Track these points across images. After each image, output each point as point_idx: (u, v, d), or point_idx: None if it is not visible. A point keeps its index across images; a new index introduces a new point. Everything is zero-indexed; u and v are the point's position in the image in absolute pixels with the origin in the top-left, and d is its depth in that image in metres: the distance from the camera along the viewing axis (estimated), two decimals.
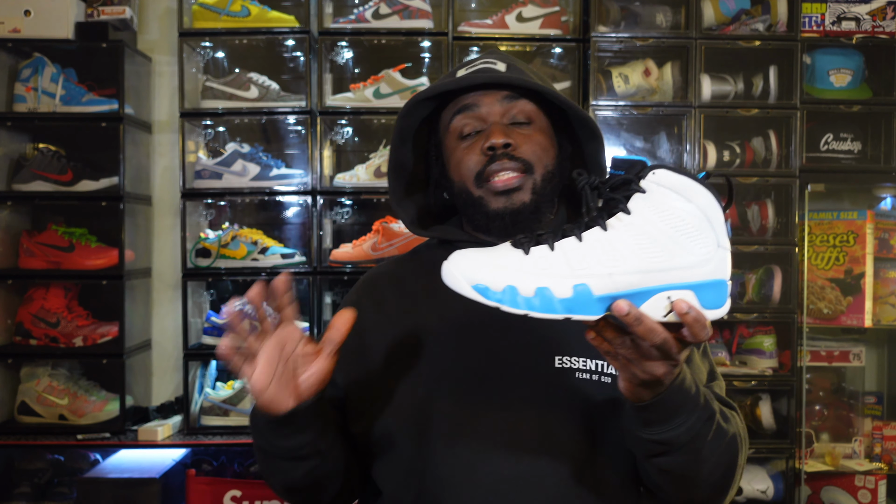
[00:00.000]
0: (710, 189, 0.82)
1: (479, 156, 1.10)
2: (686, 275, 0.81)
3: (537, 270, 0.81)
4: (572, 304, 0.80)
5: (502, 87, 1.12)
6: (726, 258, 0.83)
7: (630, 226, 0.82)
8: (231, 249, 2.67)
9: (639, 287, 0.81)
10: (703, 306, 0.82)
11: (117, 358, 2.62)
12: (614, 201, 0.84)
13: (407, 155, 1.21)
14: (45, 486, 2.69)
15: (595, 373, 1.07)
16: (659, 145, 2.76)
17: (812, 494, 2.75)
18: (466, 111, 1.12)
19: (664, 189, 0.82)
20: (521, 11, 2.69)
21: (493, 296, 0.81)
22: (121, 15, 2.68)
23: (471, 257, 0.84)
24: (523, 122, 1.12)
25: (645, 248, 0.81)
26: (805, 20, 2.69)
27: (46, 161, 2.65)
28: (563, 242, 0.83)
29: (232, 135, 2.87)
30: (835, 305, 2.76)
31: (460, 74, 1.13)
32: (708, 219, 0.82)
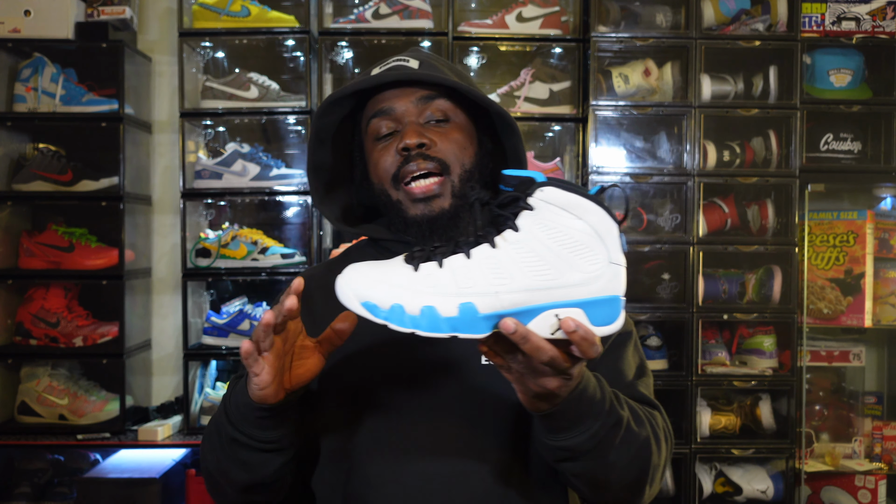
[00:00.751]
0: (601, 205, 0.82)
1: (395, 156, 1.08)
2: (575, 292, 0.81)
3: (424, 288, 0.80)
4: (458, 323, 0.80)
5: (415, 84, 1.11)
6: (619, 274, 0.83)
7: (518, 243, 0.81)
8: (231, 249, 2.67)
9: (526, 305, 0.80)
10: (593, 323, 0.81)
11: (117, 358, 2.62)
12: (503, 218, 0.83)
13: (326, 155, 1.19)
14: (45, 486, 2.69)
15: None
16: (659, 145, 2.75)
17: (812, 494, 2.75)
18: (382, 113, 1.11)
19: (552, 206, 0.81)
20: (521, 11, 2.69)
21: (381, 313, 0.81)
22: (121, 15, 2.68)
23: (362, 272, 0.83)
24: (440, 120, 1.11)
25: (532, 265, 0.80)
26: (805, 20, 2.69)
27: (46, 161, 2.65)
28: (451, 259, 0.82)
29: (232, 135, 2.87)
30: (835, 305, 2.76)
31: (375, 72, 1.12)
32: (598, 235, 0.82)
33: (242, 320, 2.67)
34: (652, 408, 1.12)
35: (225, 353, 2.68)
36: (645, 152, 2.75)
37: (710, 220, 2.71)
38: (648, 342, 2.67)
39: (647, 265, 2.78)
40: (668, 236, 2.68)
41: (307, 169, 1.18)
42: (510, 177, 0.84)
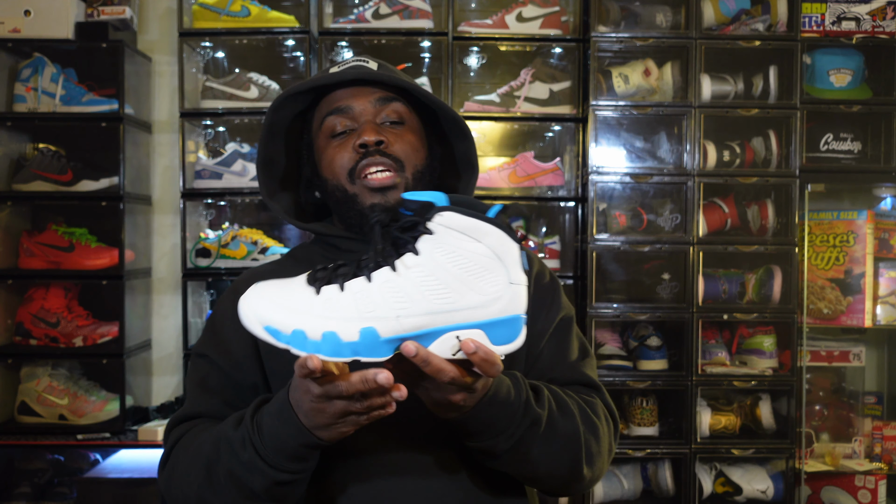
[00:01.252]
0: (501, 226, 0.83)
1: (352, 153, 1.10)
2: (475, 314, 0.82)
3: (325, 313, 0.81)
4: (359, 348, 0.81)
5: (372, 85, 1.13)
6: (519, 293, 0.84)
7: (418, 267, 0.82)
8: (231, 249, 2.67)
9: (427, 328, 0.81)
10: (494, 343, 0.83)
11: (117, 358, 2.62)
12: (403, 241, 0.84)
13: (278, 150, 1.20)
14: (45, 486, 2.69)
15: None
16: (659, 145, 2.75)
17: (812, 494, 2.75)
18: (339, 111, 1.12)
19: (451, 231, 0.82)
20: (521, 11, 2.69)
21: (283, 338, 0.81)
22: (121, 15, 2.68)
23: (264, 295, 0.83)
24: (395, 122, 1.13)
25: (432, 289, 0.81)
26: (805, 20, 2.69)
27: (46, 161, 2.65)
28: (352, 283, 0.82)
29: (232, 135, 2.87)
30: (835, 305, 2.76)
31: (333, 71, 1.14)
32: (498, 257, 0.83)
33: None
34: (593, 389, 1.15)
35: None
36: (645, 152, 2.75)
37: (710, 220, 2.71)
38: (648, 342, 2.67)
39: (647, 265, 2.78)
40: (668, 236, 2.68)
41: (257, 163, 1.19)
42: (409, 201, 0.84)
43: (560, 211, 2.82)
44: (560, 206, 2.81)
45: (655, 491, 2.70)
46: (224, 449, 0.95)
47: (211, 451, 0.97)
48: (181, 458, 1.03)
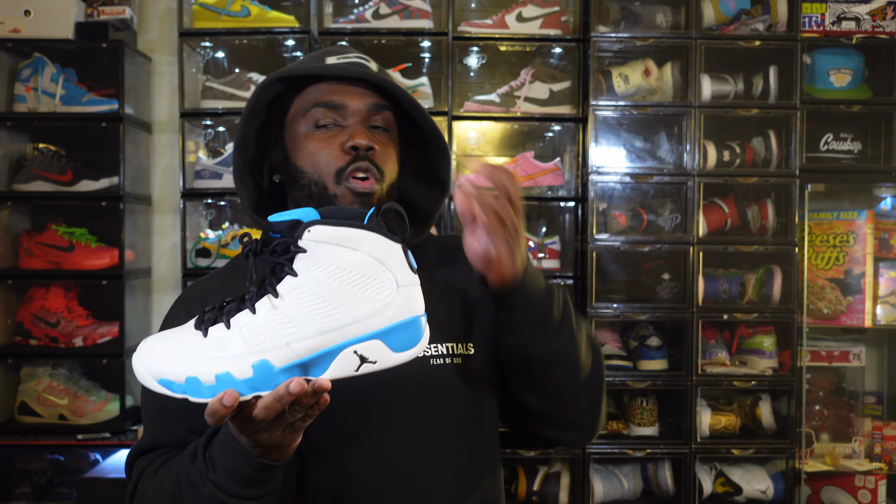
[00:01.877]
0: (376, 230, 0.80)
1: (340, 152, 1.06)
2: (368, 324, 0.80)
3: (215, 355, 0.79)
4: (256, 383, 0.78)
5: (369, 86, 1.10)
6: (411, 294, 0.81)
7: (298, 288, 0.79)
8: (231, 249, 2.67)
9: (322, 349, 0.79)
10: (395, 350, 0.81)
11: (117, 358, 2.62)
12: (279, 265, 0.81)
13: (251, 130, 1.15)
14: (45, 486, 2.69)
15: (447, 356, 1.08)
16: (659, 145, 2.76)
17: (812, 494, 2.75)
18: (333, 104, 1.08)
19: (324, 244, 0.79)
20: (521, 11, 2.69)
21: (178, 388, 0.79)
22: (121, 15, 2.68)
23: (152, 348, 0.82)
24: (381, 129, 1.11)
25: (318, 308, 0.79)
26: (805, 20, 2.69)
27: (46, 161, 2.65)
28: (237, 318, 0.80)
29: (232, 135, 2.87)
30: (835, 305, 2.76)
31: (331, 61, 1.10)
32: (380, 261, 0.80)
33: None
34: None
35: None
36: (645, 152, 2.75)
37: (710, 220, 2.71)
38: (648, 342, 2.67)
39: (647, 265, 2.78)
40: (668, 236, 2.68)
41: (235, 143, 1.15)
42: (276, 223, 0.81)
43: (560, 211, 2.82)
44: (560, 206, 2.81)
45: (655, 491, 2.70)
46: (185, 484, 0.93)
47: (174, 487, 0.95)
48: (147, 494, 1.00)
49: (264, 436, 0.84)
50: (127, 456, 1.09)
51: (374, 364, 0.81)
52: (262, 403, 0.79)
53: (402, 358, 0.82)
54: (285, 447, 0.88)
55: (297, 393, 0.77)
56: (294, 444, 0.89)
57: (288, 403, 0.79)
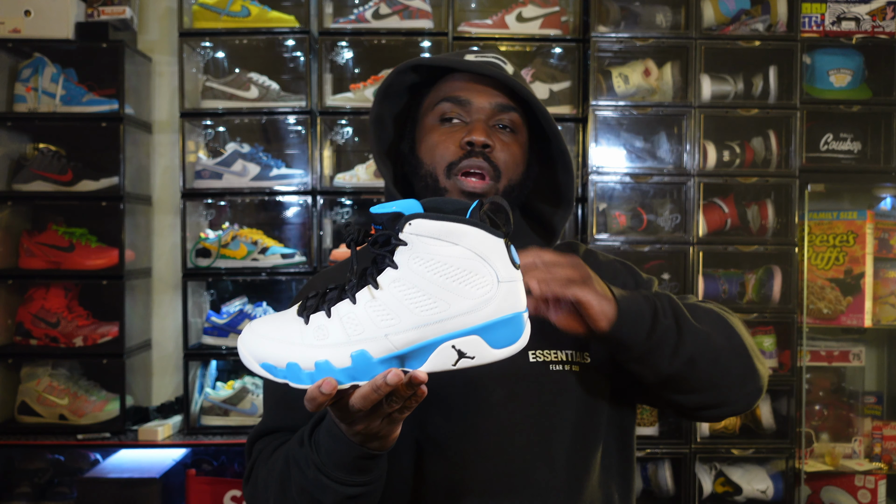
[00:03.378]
0: (478, 225, 0.78)
1: (456, 147, 1.09)
2: (467, 320, 0.79)
3: (315, 342, 0.80)
4: (355, 372, 0.79)
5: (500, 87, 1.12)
6: (512, 290, 0.80)
7: (398, 281, 0.79)
8: (231, 249, 2.67)
9: (419, 342, 0.79)
10: (493, 347, 0.80)
11: (117, 358, 2.62)
12: (381, 256, 0.81)
13: (388, 111, 1.19)
14: (45, 486, 2.70)
15: (566, 363, 1.09)
16: (659, 145, 2.76)
17: (812, 494, 2.75)
18: (458, 96, 1.11)
19: (424, 238, 0.78)
20: (521, 11, 2.69)
21: (279, 373, 0.80)
22: (121, 15, 2.68)
23: (256, 332, 0.82)
24: (507, 128, 1.12)
25: (417, 301, 0.78)
26: (805, 20, 2.69)
27: (46, 161, 2.65)
28: (338, 307, 0.81)
29: (232, 135, 2.87)
30: (835, 305, 2.76)
31: (468, 58, 1.12)
32: (481, 257, 0.79)
33: (242, 320, 2.67)
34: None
35: (225, 353, 2.68)
36: (645, 152, 2.75)
37: (710, 220, 2.71)
38: None
39: (647, 265, 2.78)
40: (668, 236, 2.68)
41: (370, 120, 1.18)
42: (378, 214, 0.81)
43: None
44: None
45: (655, 491, 2.70)
46: (293, 466, 0.95)
47: (283, 467, 0.98)
48: (261, 474, 1.04)
49: (362, 425, 0.85)
50: (248, 437, 1.13)
51: (471, 359, 0.80)
52: (359, 393, 0.80)
53: (501, 354, 0.81)
54: (384, 437, 0.88)
55: (395, 384, 0.78)
56: (393, 434, 0.89)
57: (385, 394, 0.79)
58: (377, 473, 0.94)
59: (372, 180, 2.69)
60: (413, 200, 0.81)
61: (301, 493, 0.95)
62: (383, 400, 0.81)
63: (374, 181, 2.69)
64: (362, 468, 0.91)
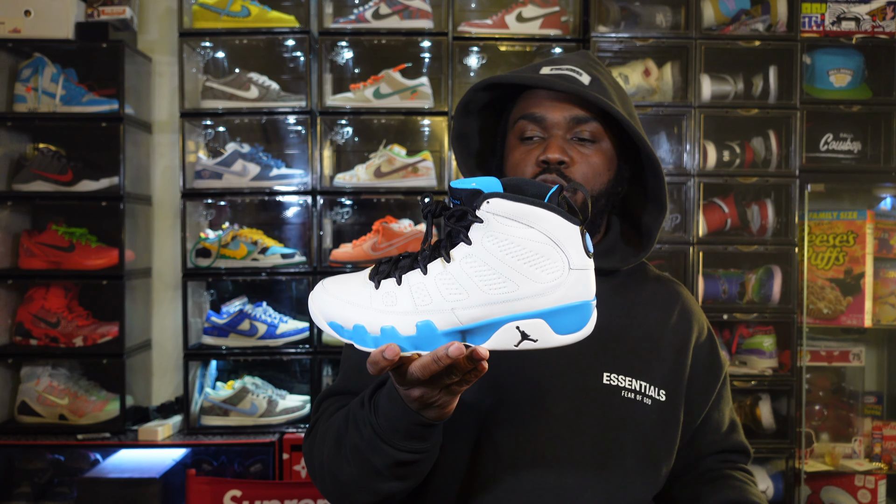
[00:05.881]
0: (555, 210, 0.78)
1: (533, 166, 1.09)
2: (534, 303, 0.79)
3: (383, 307, 0.81)
4: (418, 341, 0.80)
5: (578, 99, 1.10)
6: (582, 279, 0.80)
7: (470, 257, 0.80)
8: (231, 249, 2.67)
9: (485, 319, 0.79)
10: (557, 332, 0.80)
11: (117, 358, 2.62)
12: (455, 231, 0.81)
13: (471, 127, 1.20)
14: (45, 486, 2.69)
15: (638, 393, 1.09)
16: (659, 145, 2.76)
17: (812, 494, 2.75)
18: (535, 116, 1.11)
19: (501, 217, 0.79)
20: (521, 11, 2.69)
21: (346, 333, 0.82)
22: (121, 15, 2.68)
23: (329, 290, 0.84)
24: (587, 140, 1.11)
25: (487, 279, 0.79)
26: (805, 20, 2.69)
27: (46, 161, 2.65)
28: (409, 276, 0.82)
29: (232, 135, 2.87)
30: (835, 305, 2.76)
31: (544, 72, 1.12)
32: (555, 242, 0.79)
33: (242, 320, 2.67)
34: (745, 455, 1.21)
35: (225, 353, 2.68)
36: None
37: (710, 220, 2.71)
38: None
39: None
40: (668, 236, 2.68)
41: (451, 137, 1.21)
42: (456, 189, 0.81)
43: None
44: None
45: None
46: (351, 424, 0.97)
47: (342, 424, 1.00)
48: (321, 429, 1.06)
49: (420, 391, 0.85)
50: (319, 394, 1.17)
51: (535, 342, 0.80)
52: (419, 362, 0.81)
53: (565, 340, 0.80)
54: (441, 407, 0.89)
55: (456, 357, 0.78)
56: (450, 406, 0.89)
57: (445, 366, 0.80)
58: (430, 444, 0.94)
59: (372, 180, 2.69)
60: (493, 178, 0.81)
61: (354, 452, 0.96)
62: (443, 371, 0.82)
63: (374, 181, 2.69)
64: (417, 435, 0.91)
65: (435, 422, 0.90)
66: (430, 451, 0.95)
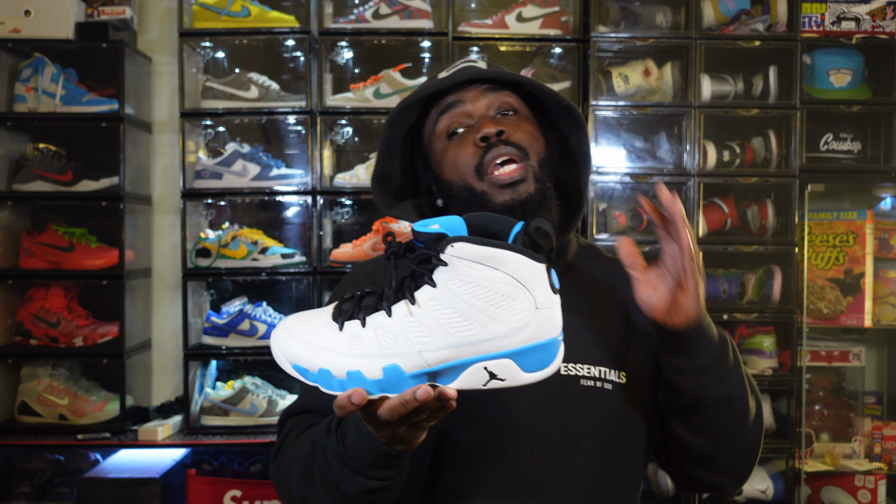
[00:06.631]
0: (520, 251, 0.78)
1: (474, 148, 1.08)
2: (501, 344, 0.79)
3: (348, 350, 0.80)
4: (385, 385, 0.80)
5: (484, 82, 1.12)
6: (549, 317, 0.80)
7: (436, 300, 0.79)
8: (231, 249, 2.67)
9: (452, 361, 0.79)
10: (526, 370, 0.80)
11: (117, 358, 2.62)
12: (420, 273, 0.81)
13: (395, 164, 1.19)
14: (45, 486, 2.69)
15: (598, 379, 1.07)
16: (659, 145, 2.75)
17: (812, 494, 2.75)
18: (451, 109, 1.11)
19: (466, 261, 0.78)
20: (521, 11, 2.69)
21: (311, 377, 0.82)
22: (121, 15, 2.68)
23: (291, 332, 0.83)
24: (509, 112, 1.12)
25: (453, 322, 0.78)
26: (805, 20, 2.70)
27: (46, 161, 2.65)
28: (373, 318, 0.81)
29: (232, 135, 2.87)
30: (835, 305, 2.76)
31: (442, 76, 1.13)
32: (521, 283, 0.78)
33: (242, 320, 2.67)
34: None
35: (225, 353, 2.68)
36: (645, 152, 2.75)
37: (710, 220, 2.71)
38: None
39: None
40: None
41: (373, 178, 1.18)
42: (419, 233, 0.81)
43: None
44: None
45: (655, 491, 2.70)
46: (318, 453, 0.97)
47: (309, 452, 0.99)
48: (287, 453, 1.05)
49: (388, 430, 0.86)
50: (280, 414, 1.14)
51: (502, 381, 0.80)
52: (387, 405, 0.81)
53: (532, 378, 0.81)
54: (409, 441, 0.89)
55: (424, 400, 0.78)
56: (419, 439, 0.90)
57: (413, 408, 0.80)
58: (400, 469, 0.94)
59: None
60: (458, 218, 0.81)
61: (324, 481, 0.96)
62: (411, 411, 0.82)
63: None
64: (385, 465, 0.92)
65: (404, 452, 0.90)
66: (401, 476, 0.96)
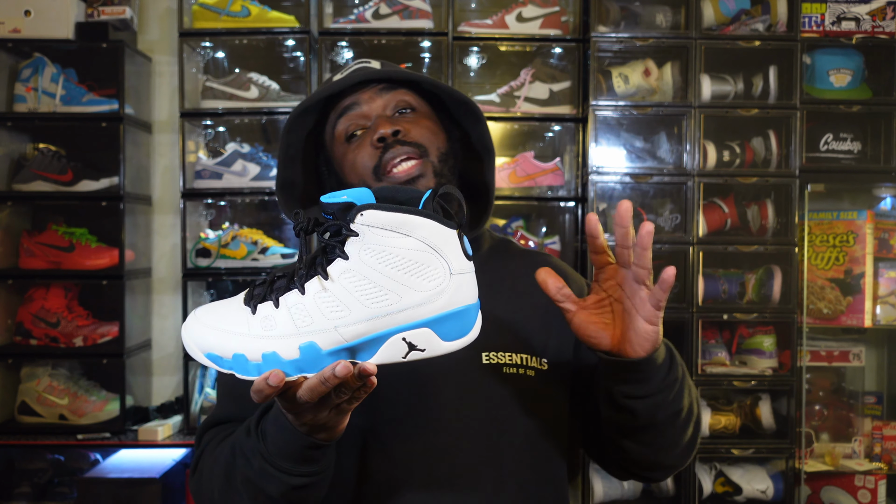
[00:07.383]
0: (431, 216, 0.77)
1: (371, 150, 1.07)
2: (418, 312, 0.77)
3: (262, 332, 0.78)
4: (302, 364, 0.78)
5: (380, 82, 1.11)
6: (464, 283, 0.79)
7: (349, 272, 0.77)
8: (231, 249, 2.67)
9: (370, 334, 0.78)
10: (445, 339, 0.79)
11: (117, 358, 2.62)
12: (331, 246, 0.79)
13: (297, 171, 1.17)
14: (45, 486, 2.70)
15: (520, 366, 1.07)
16: (659, 145, 2.75)
17: (812, 494, 2.75)
18: (348, 112, 1.10)
19: (376, 229, 0.77)
20: (521, 11, 2.69)
21: (225, 364, 0.79)
22: (121, 15, 2.68)
23: (202, 321, 0.81)
24: (406, 110, 1.11)
25: (368, 293, 0.77)
26: (805, 20, 2.70)
27: (46, 161, 2.65)
28: (287, 297, 0.79)
29: (232, 135, 2.87)
30: (835, 305, 2.76)
31: (337, 78, 1.12)
32: (434, 248, 0.77)
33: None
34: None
35: None
36: (645, 152, 2.75)
37: (709, 220, 2.71)
38: None
39: None
40: (668, 236, 2.68)
41: (276, 186, 1.16)
42: (328, 204, 0.78)
43: (560, 211, 2.83)
44: (560, 206, 2.81)
45: (655, 491, 2.70)
46: (239, 456, 0.95)
47: (229, 457, 0.97)
48: (207, 463, 1.03)
49: (309, 416, 0.84)
50: (198, 427, 1.12)
51: (422, 352, 0.79)
52: (306, 385, 0.79)
53: (452, 346, 0.80)
54: (332, 428, 0.87)
55: (343, 376, 0.77)
56: (341, 425, 0.88)
57: (333, 386, 0.78)
58: (324, 464, 0.93)
59: None
60: (365, 189, 0.79)
61: (246, 484, 0.93)
62: (332, 391, 0.80)
63: None
64: (309, 458, 0.90)
65: (327, 442, 0.89)
66: (325, 471, 0.94)
